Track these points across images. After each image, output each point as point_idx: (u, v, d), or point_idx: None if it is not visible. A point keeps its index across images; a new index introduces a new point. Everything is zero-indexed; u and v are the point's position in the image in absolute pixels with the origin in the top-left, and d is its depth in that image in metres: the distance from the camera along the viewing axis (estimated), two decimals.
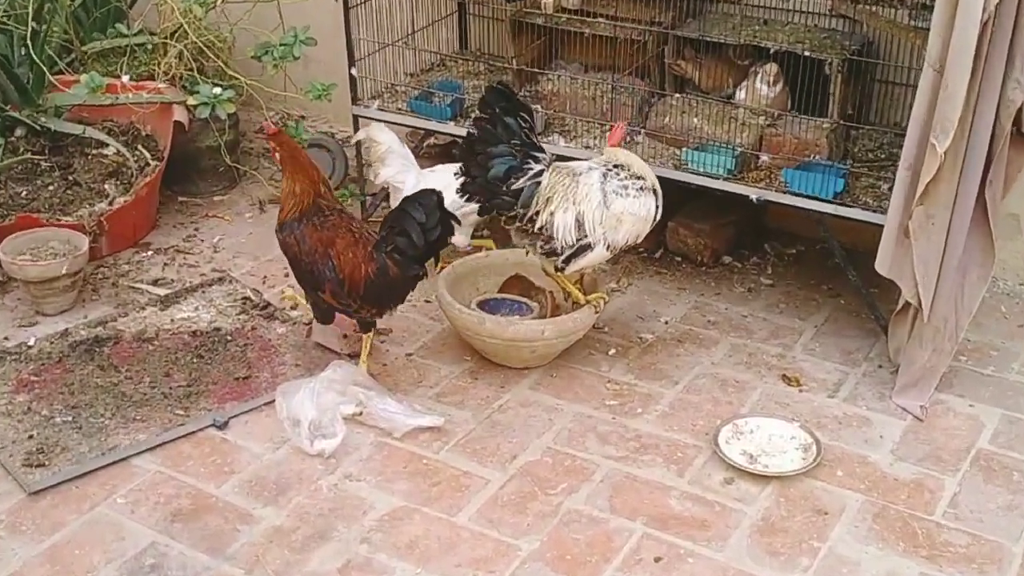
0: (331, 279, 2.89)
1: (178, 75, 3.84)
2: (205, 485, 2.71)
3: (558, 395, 3.03)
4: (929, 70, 2.64)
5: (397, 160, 3.46)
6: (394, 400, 2.91)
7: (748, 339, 3.27)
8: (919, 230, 2.77)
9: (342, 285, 2.89)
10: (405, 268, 2.88)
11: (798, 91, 3.24)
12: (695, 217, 3.67)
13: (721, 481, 2.72)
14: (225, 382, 3.03)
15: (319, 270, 2.91)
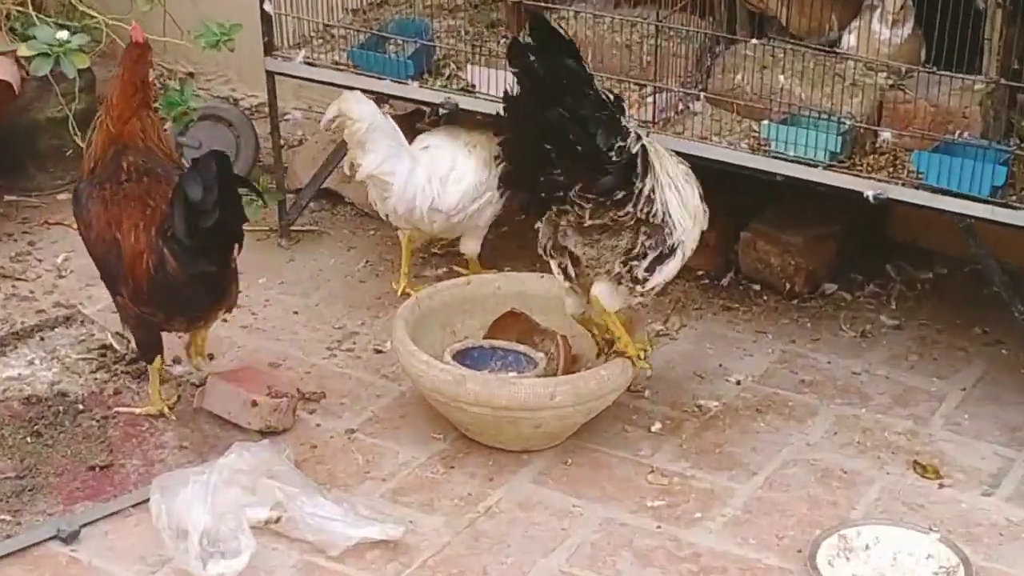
0: (119, 275, 3.07)
1: (4, 12, 3.92)
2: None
3: (576, 492, 3.07)
4: None
5: (382, 142, 3.52)
6: (329, 501, 2.95)
7: (862, 408, 3.32)
8: None
9: (127, 282, 3.05)
10: (184, 263, 2.98)
11: (936, 35, 3.31)
12: (781, 225, 3.74)
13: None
14: (75, 473, 3.06)
15: (111, 263, 3.07)
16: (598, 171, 2.90)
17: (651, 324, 3.55)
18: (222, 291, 3.12)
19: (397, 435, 3.24)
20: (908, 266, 3.84)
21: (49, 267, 3.84)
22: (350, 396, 3.37)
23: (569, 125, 2.87)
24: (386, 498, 3.05)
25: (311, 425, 3.26)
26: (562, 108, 2.86)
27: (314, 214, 4.12)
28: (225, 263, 3.06)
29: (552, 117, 2.87)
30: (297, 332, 3.61)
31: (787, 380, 3.42)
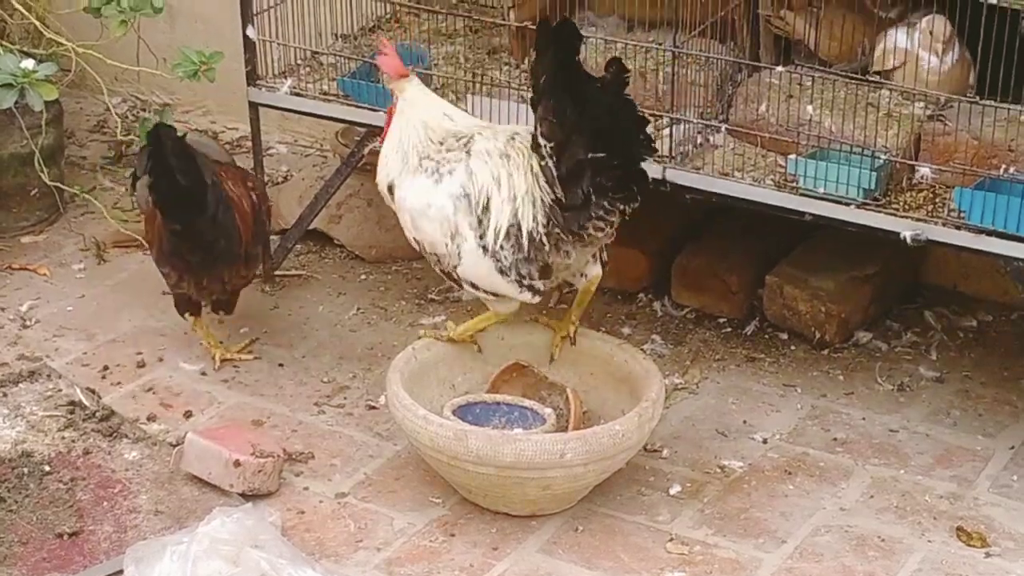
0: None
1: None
2: None
3: (588, 562, 3.07)
4: None
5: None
6: (318, 573, 2.94)
7: (900, 469, 3.33)
8: None
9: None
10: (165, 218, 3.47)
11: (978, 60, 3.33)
12: (810, 268, 3.75)
13: None
14: (41, 541, 3.07)
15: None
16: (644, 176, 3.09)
17: (669, 377, 3.56)
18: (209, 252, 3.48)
19: (392, 499, 3.25)
20: (949, 313, 3.86)
21: (12, 316, 3.87)
22: (341, 456, 3.37)
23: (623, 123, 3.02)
24: (381, 570, 3.06)
25: (298, 488, 3.27)
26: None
27: (300, 257, 4.14)
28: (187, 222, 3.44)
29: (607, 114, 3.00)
30: (282, 386, 3.62)
31: (818, 438, 3.43)
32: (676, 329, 3.82)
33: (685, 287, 3.88)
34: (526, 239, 3.15)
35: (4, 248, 4.14)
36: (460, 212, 3.19)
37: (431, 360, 3.36)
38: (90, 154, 4.45)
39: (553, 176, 3.08)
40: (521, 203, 3.15)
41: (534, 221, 3.14)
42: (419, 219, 3.24)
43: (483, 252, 3.18)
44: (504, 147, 3.20)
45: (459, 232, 3.20)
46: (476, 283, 3.25)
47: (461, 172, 3.20)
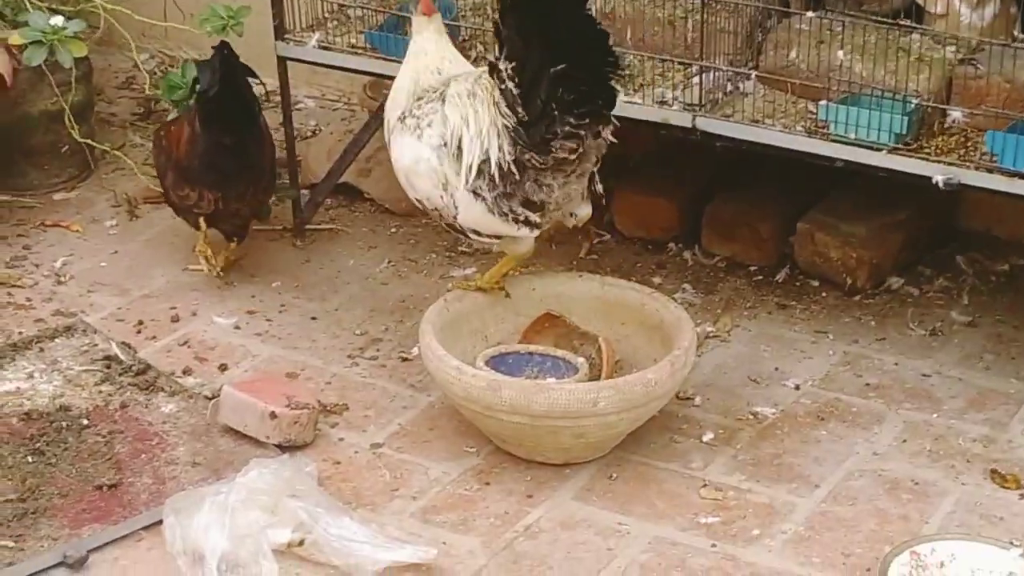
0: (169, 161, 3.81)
1: None
2: None
3: (622, 509, 3.10)
4: None
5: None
6: (355, 521, 2.99)
7: (933, 413, 3.35)
8: None
9: (173, 163, 3.76)
10: (206, 130, 3.65)
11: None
12: (842, 214, 3.77)
13: None
14: (80, 493, 3.11)
15: (163, 157, 3.84)
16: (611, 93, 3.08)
17: (700, 325, 3.58)
18: (247, 167, 3.70)
19: (427, 449, 3.28)
20: (982, 257, 3.87)
21: (47, 272, 3.91)
22: (375, 408, 3.41)
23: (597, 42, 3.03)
24: (416, 518, 3.09)
25: (333, 439, 3.30)
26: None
27: (331, 211, 4.16)
28: (239, 136, 3.67)
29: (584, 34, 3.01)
30: (316, 339, 3.65)
31: (851, 384, 3.45)
32: (707, 278, 3.84)
33: (715, 235, 3.90)
34: (495, 171, 3.14)
35: (37, 205, 4.18)
36: (445, 161, 3.20)
37: (463, 311, 3.38)
38: (119, 111, 4.48)
39: (514, 96, 3.06)
40: (486, 136, 3.14)
41: (500, 151, 3.12)
42: (412, 177, 3.28)
43: (473, 196, 3.19)
44: (472, 87, 3.19)
45: (448, 181, 3.22)
46: (477, 228, 3.28)
47: (438, 121, 3.21)
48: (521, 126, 3.08)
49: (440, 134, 3.20)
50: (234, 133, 3.68)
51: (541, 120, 3.06)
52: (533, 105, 3.05)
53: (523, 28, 3.01)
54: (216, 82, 3.60)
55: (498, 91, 3.10)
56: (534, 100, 3.05)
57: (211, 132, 3.66)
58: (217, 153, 3.68)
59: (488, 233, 3.27)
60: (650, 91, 3.54)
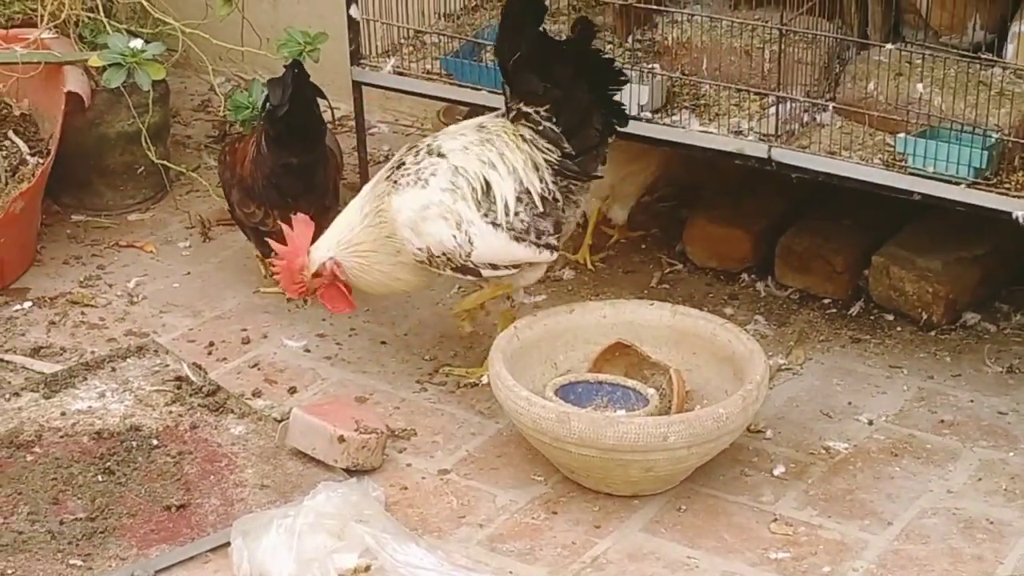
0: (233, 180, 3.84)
1: (73, 20, 4.04)
2: None
3: (691, 542, 3.09)
4: None
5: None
6: (421, 548, 2.99)
7: (1011, 451, 3.32)
8: None
9: (239, 182, 3.78)
10: (273, 151, 3.67)
11: None
12: (918, 248, 3.75)
13: None
14: (149, 514, 3.14)
15: (227, 177, 3.88)
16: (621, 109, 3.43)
17: (773, 357, 3.56)
18: (311, 187, 3.72)
19: (494, 477, 3.29)
20: None
21: (120, 292, 3.94)
22: (443, 433, 3.42)
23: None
24: (483, 546, 3.09)
25: (401, 464, 3.31)
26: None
27: None
28: (305, 155, 3.68)
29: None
30: (385, 364, 3.66)
31: (925, 420, 3.43)
32: (779, 309, 3.83)
33: (789, 267, 3.88)
34: (538, 200, 3.34)
35: (112, 226, 4.22)
36: (459, 200, 3.31)
37: (533, 339, 3.39)
38: (195, 133, 4.52)
39: (557, 134, 3.32)
40: (524, 172, 3.32)
41: (542, 182, 3.33)
42: (421, 224, 3.33)
43: (493, 227, 3.31)
44: (478, 138, 3.38)
45: (463, 218, 3.31)
46: (494, 261, 3.36)
47: (445, 170, 3.33)
48: (567, 158, 3.31)
49: (449, 180, 3.32)
50: (300, 152, 3.69)
51: (590, 149, 3.34)
52: (582, 137, 3.32)
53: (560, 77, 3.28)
54: (286, 100, 3.60)
55: (529, 132, 3.33)
56: (585, 132, 3.33)
57: (278, 151, 3.68)
58: (283, 172, 3.69)
59: (506, 263, 3.37)
60: (726, 121, 3.56)
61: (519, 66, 3.29)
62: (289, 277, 3.45)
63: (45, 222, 4.13)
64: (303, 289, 3.46)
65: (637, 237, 4.10)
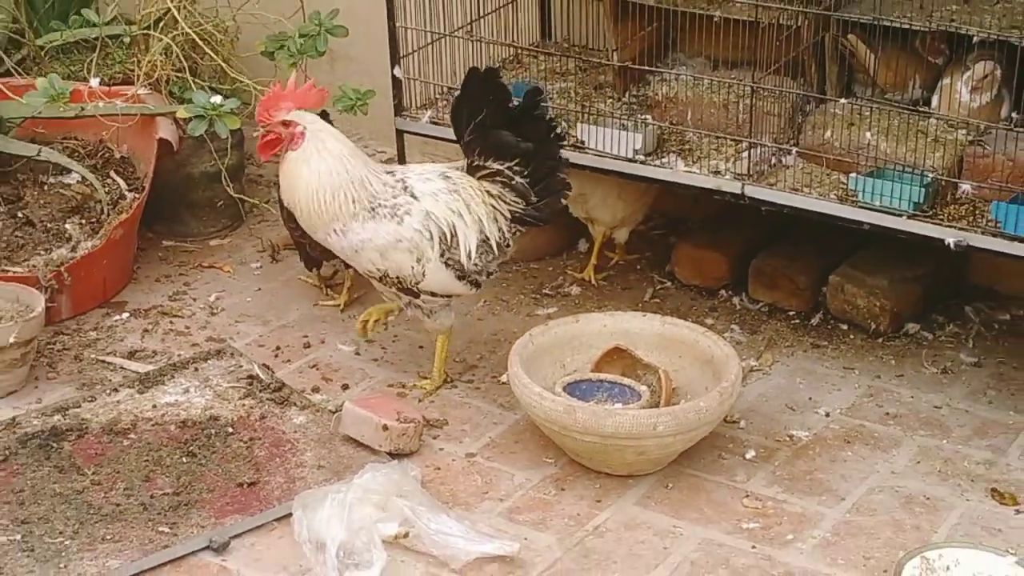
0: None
1: (164, 78, 4.07)
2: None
3: (676, 514, 3.10)
4: None
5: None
6: (451, 518, 3.00)
7: (943, 439, 3.32)
8: None
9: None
10: None
11: (1015, 95, 3.32)
12: (867, 269, 3.74)
13: None
14: (225, 489, 3.15)
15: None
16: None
17: (745, 360, 3.56)
18: None
19: (512, 459, 3.29)
20: (986, 308, 3.82)
21: (202, 305, 3.96)
22: (470, 423, 3.42)
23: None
24: (503, 516, 3.10)
25: (435, 449, 3.32)
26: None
27: None
28: None
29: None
30: (422, 365, 3.66)
31: (873, 413, 3.42)
32: (751, 320, 3.83)
33: (760, 285, 3.87)
34: (495, 246, 3.36)
35: (195, 249, 4.24)
36: (425, 240, 3.31)
37: (545, 344, 3.39)
38: (266, 172, 4.52)
39: (525, 187, 3.32)
40: (486, 223, 3.33)
41: (500, 232, 3.35)
42: (390, 251, 3.32)
43: (444, 266, 3.33)
44: (446, 187, 3.35)
45: (425, 255, 3.32)
46: (435, 291, 3.39)
47: (418, 211, 3.31)
48: (531, 207, 3.33)
49: (421, 222, 3.31)
50: None
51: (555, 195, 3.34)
52: (548, 185, 3.31)
53: (529, 136, 3.29)
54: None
55: (496, 188, 3.32)
56: (551, 181, 3.32)
57: None
58: None
59: (442, 293, 3.41)
60: (706, 163, 3.56)
61: (486, 128, 3.27)
62: (267, 106, 3.32)
63: (140, 246, 4.16)
64: (268, 121, 3.31)
65: (633, 259, 4.10)
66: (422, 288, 3.37)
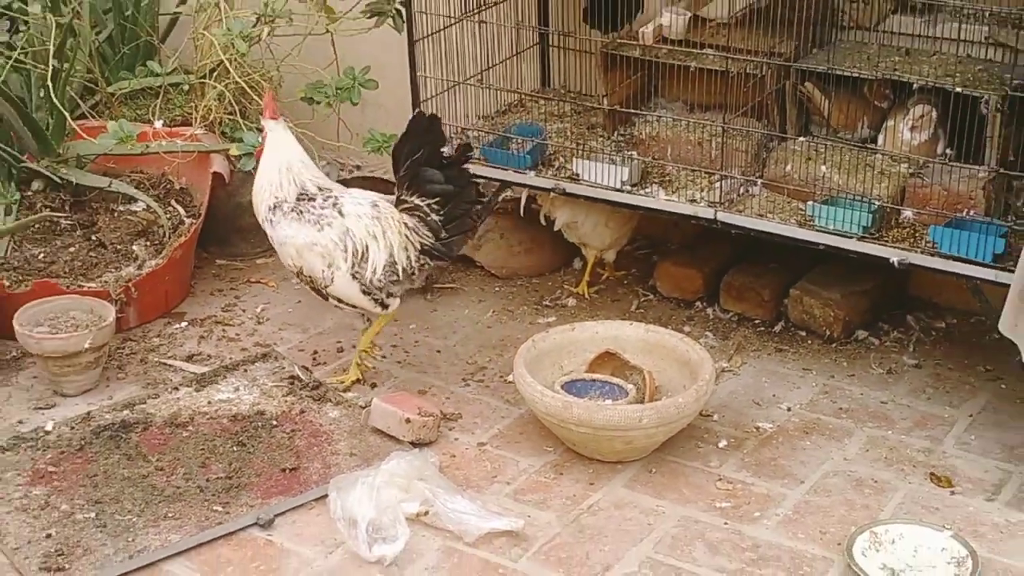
0: None
1: (218, 120, 4.09)
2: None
3: (659, 495, 3.10)
4: None
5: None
6: (465, 499, 3.02)
7: (888, 430, 3.33)
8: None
9: None
10: None
11: (948, 134, 3.34)
12: (823, 284, 3.75)
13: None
14: (270, 474, 3.17)
15: None
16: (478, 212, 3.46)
17: (718, 362, 3.57)
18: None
19: (517, 448, 3.30)
20: (925, 317, 3.83)
21: (250, 316, 3.97)
22: (481, 416, 3.43)
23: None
24: (509, 497, 3.11)
25: (451, 439, 3.33)
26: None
27: (452, 274, 4.18)
28: None
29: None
30: (439, 366, 3.67)
31: (828, 407, 3.43)
32: (723, 328, 3.83)
33: (730, 297, 3.88)
34: (401, 271, 3.32)
35: (244, 267, 4.25)
36: (338, 250, 3.31)
37: (546, 349, 3.40)
38: None
39: (439, 224, 3.29)
40: (396, 250, 3.31)
41: (407, 260, 3.32)
42: (305, 252, 3.34)
43: (352, 278, 3.33)
44: (371, 212, 3.34)
45: (335, 263, 3.32)
46: (343, 299, 3.39)
47: (339, 226, 3.32)
48: (440, 242, 3.31)
49: (339, 235, 3.32)
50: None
51: (462, 234, 3.34)
52: (457, 225, 3.30)
53: (453, 181, 3.28)
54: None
55: (413, 221, 3.30)
56: (463, 221, 3.31)
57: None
58: None
59: (348, 303, 3.40)
60: (684, 192, 3.57)
61: (420, 166, 3.28)
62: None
63: (196, 265, 4.17)
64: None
65: (621, 276, 4.11)
66: (330, 292, 3.38)
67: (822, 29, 3.53)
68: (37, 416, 3.44)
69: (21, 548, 2.94)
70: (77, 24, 4.06)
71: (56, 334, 3.50)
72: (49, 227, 3.92)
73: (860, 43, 3.58)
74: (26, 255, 3.82)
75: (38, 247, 3.86)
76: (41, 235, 3.90)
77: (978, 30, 3.41)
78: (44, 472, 3.18)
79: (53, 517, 3.03)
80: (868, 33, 3.58)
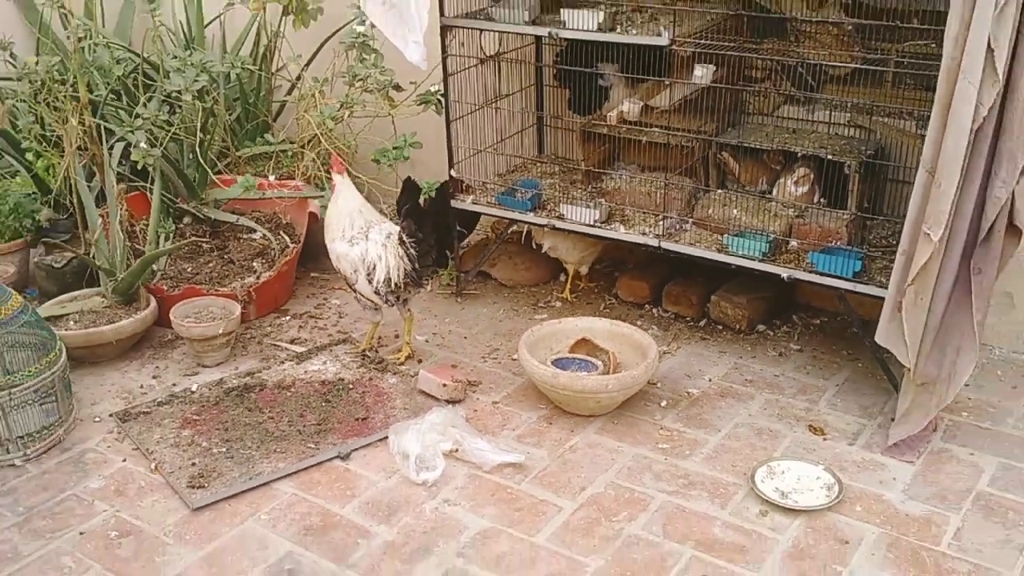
0: None
1: (313, 175, 4.10)
2: (331, 506, 2.85)
3: (619, 439, 3.12)
4: (923, 171, 2.73)
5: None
6: (483, 440, 3.03)
7: (780, 395, 3.34)
8: (909, 307, 2.83)
9: None
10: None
11: (822, 187, 3.35)
12: (734, 292, 3.76)
13: (757, 513, 2.78)
14: (348, 422, 3.18)
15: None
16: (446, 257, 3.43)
17: (661, 347, 3.58)
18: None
19: (520, 405, 3.31)
20: (806, 316, 3.83)
21: (334, 312, 3.97)
22: (495, 383, 3.44)
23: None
24: (515, 439, 3.12)
25: (474, 398, 3.34)
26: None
27: (475, 284, 4.18)
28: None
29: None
30: (466, 348, 3.67)
31: (738, 379, 3.44)
32: (664, 323, 3.83)
33: (669, 302, 3.88)
34: (394, 285, 3.34)
35: (330, 278, 4.23)
36: (359, 263, 3.35)
37: (541, 336, 3.40)
38: None
39: (415, 256, 3.29)
40: (392, 271, 3.32)
41: (398, 278, 3.33)
42: (342, 259, 3.38)
43: (368, 283, 3.35)
44: (384, 240, 3.34)
45: (357, 271, 3.36)
46: (363, 293, 3.40)
47: (362, 247, 3.35)
48: (414, 271, 3.31)
49: (361, 253, 3.35)
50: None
51: (423, 271, 3.32)
52: (422, 264, 3.30)
53: (416, 227, 3.27)
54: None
55: (403, 251, 3.30)
56: (424, 261, 3.31)
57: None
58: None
59: (366, 298, 3.40)
60: (638, 227, 3.57)
61: (408, 215, 3.29)
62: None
63: (297, 276, 4.17)
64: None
65: (592, 286, 4.11)
66: (357, 289, 3.41)
67: (734, 115, 3.56)
68: (185, 380, 3.46)
69: (174, 472, 2.97)
70: (216, 108, 4.10)
71: (199, 323, 3.52)
72: (195, 249, 3.95)
73: (761, 124, 3.60)
74: (179, 268, 3.85)
75: (187, 263, 3.88)
76: (189, 255, 3.92)
77: (843, 116, 3.43)
78: (190, 419, 3.20)
79: (196, 451, 3.05)
80: (766, 117, 3.60)
